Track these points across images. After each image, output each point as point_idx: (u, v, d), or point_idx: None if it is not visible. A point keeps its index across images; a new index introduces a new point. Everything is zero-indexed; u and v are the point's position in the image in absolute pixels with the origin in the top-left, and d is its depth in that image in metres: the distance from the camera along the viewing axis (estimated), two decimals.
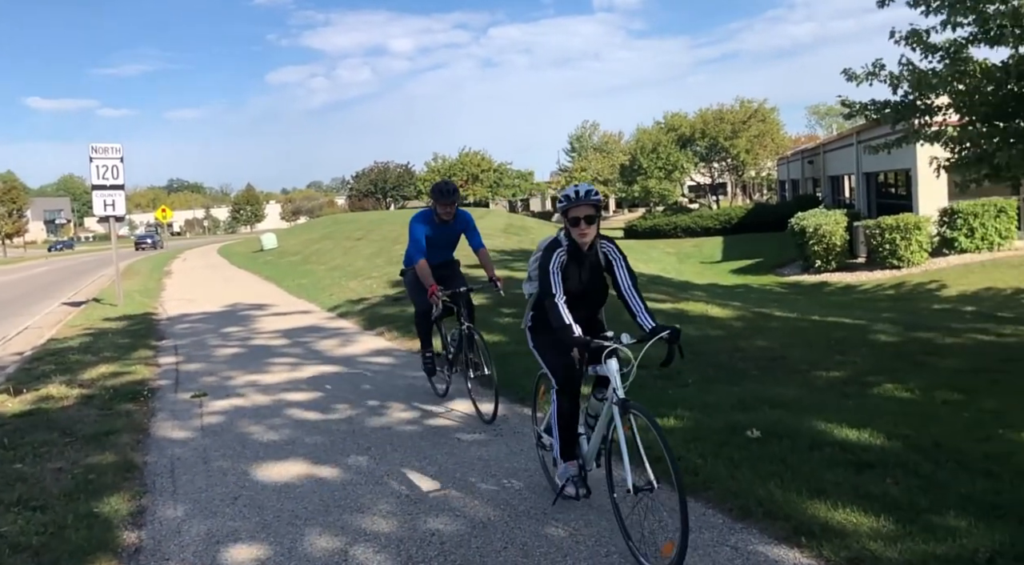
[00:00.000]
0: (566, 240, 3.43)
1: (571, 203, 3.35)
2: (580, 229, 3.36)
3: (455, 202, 5.53)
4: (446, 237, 5.73)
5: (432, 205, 5.59)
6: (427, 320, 5.85)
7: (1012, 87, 9.24)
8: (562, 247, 3.42)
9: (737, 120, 46.86)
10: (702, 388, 5.73)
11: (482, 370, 5.35)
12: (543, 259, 3.44)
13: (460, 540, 3.44)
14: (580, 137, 62.05)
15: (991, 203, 18.99)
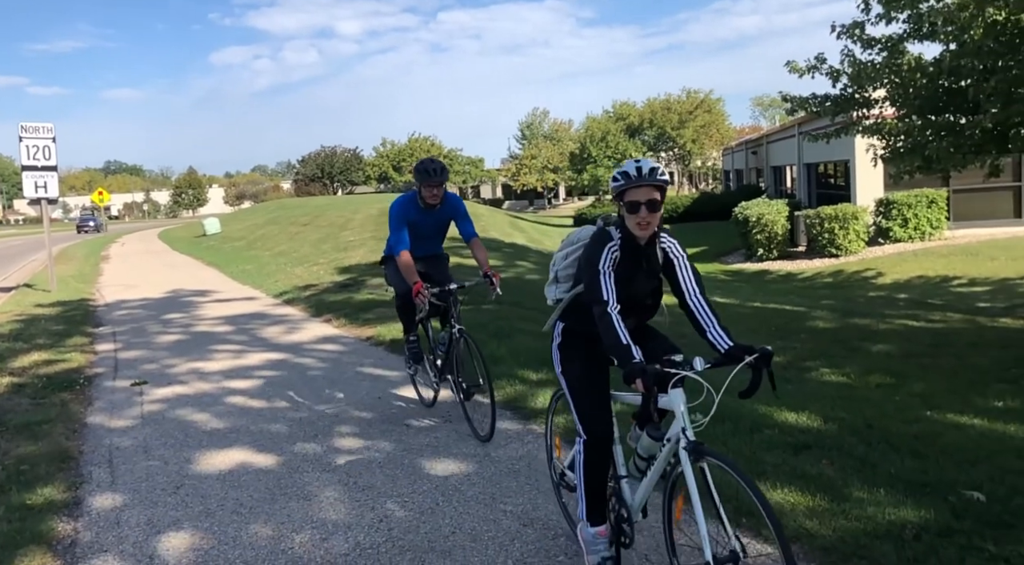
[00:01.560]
0: (618, 232, 2.67)
1: (630, 183, 2.58)
2: (641, 217, 2.58)
3: (443, 183, 4.71)
4: (432, 225, 4.95)
5: (415, 187, 4.80)
6: (409, 302, 4.94)
7: (944, 82, 9.61)
8: (614, 241, 2.65)
9: (684, 110, 47.58)
10: None
11: (476, 381, 4.66)
12: (591, 255, 2.66)
13: (409, 526, 3.44)
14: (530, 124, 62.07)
15: (923, 194, 19.74)
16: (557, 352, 2.97)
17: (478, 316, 8.32)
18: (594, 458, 2.79)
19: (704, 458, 2.41)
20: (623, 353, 2.46)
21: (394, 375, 6.31)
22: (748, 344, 2.56)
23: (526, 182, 54.26)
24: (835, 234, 19.81)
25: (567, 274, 2.96)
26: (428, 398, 5.24)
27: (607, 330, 2.52)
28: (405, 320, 5.26)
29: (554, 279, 3.02)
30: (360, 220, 21.80)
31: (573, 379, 2.87)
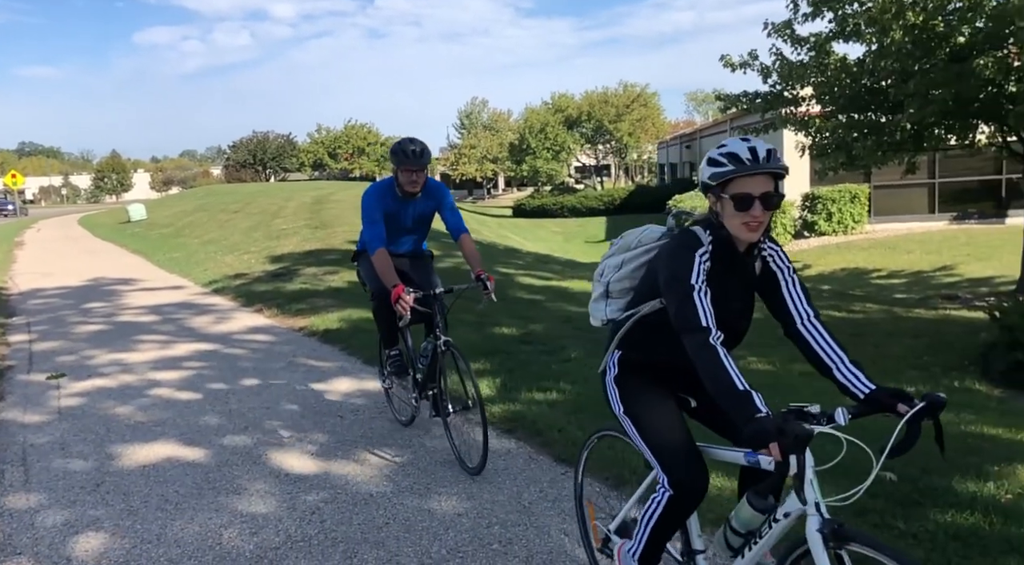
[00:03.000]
0: (709, 234, 2.03)
1: (743, 169, 1.95)
2: (753, 215, 1.97)
3: (424, 167, 3.99)
4: (413, 217, 4.23)
5: (393, 173, 4.10)
6: (388, 308, 4.06)
7: (866, 82, 10.04)
8: (704, 246, 2.02)
9: (621, 104, 48.20)
10: (584, 362, 5.91)
11: (463, 402, 4.00)
12: (677, 267, 2.00)
13: (342, 517, 3.41)
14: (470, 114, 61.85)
15: (846, 189, 20.58)
16: (614, 388, 2.30)
17: None
18: (679, 513, 2.16)
19: (847, 543, 1.75)
20: (742, 403, 1.80)
21: (328, 366, 6.21)
22: (896, 387, 1.95)
23: (465, 172, 54.07)
24: None
25: (622, 288, 2.33)
26: (405, 417, 4.61)
27: (712, 368, 1.87)
28: (384, 327, 4.44)
29: (603, 294, 2.39)
30: (293, 208, 21.33)
31: (648, 421, 2.20)
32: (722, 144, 2.03)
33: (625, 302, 2.32)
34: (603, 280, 2.41)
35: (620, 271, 2.35)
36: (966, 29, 8.51)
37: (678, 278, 1.99)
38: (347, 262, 11.65)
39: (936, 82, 8.67)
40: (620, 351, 2.33)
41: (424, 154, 3.98)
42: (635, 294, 2.28)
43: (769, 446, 1.72)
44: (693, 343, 1.93)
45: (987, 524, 2.93)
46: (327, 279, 10.36)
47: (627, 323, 2.25)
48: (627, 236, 2.41)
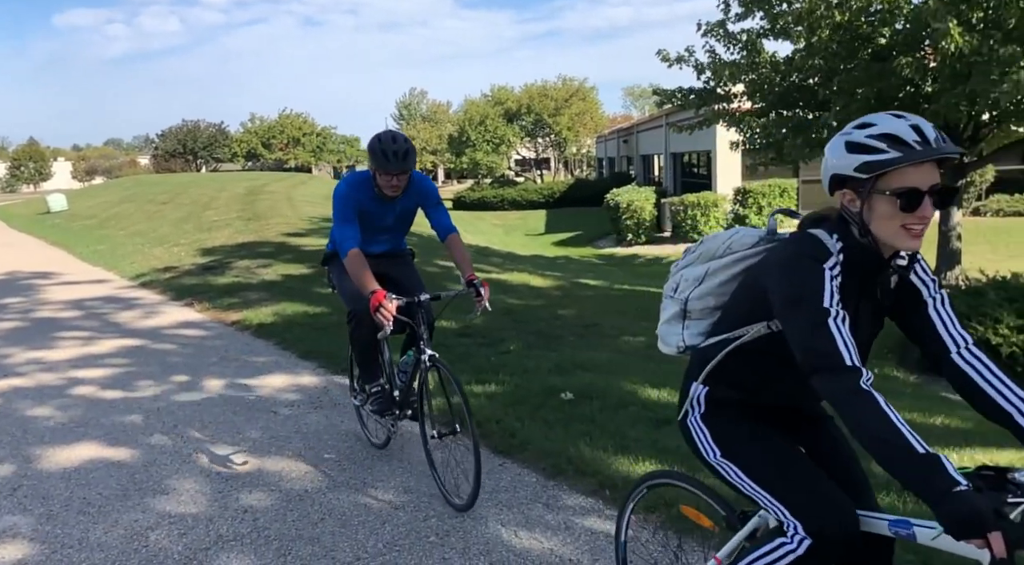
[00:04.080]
0: (837, 240, 1.61)
1: (911, 155, 1.51)
2: (920, 217, 1.54)
3: (407, 171, 3.40)
4: (393, 215, 3.66)
5: (372, 170, 3.47)
6: (369, 331, 3.60)
7: (795, 79, 10.39)
8: (834, 256, 1.58)
9: (560, 97, 48.51)
10: (522, 354, 5.95)
11: (451, 426, 3.42)
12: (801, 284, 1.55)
13: (276, 514, 3.34)
14: (408, 105, 61.21)
15: (776, 184, 21.27)
16: (702, 429, 1.86)
17: None
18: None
19: None
20: (927, 471, 1.32)
21: (261, 360, 6.08)
22: None
23: None
24: (697, 220, 20.96)
25: (706, 307, 1.89)
26: (379, 439, 4.07)
27: (872, 423, 1.39)
28: (363, 355, 3.79)
29: (679, 314, 1.93)
30: (226, 199, 20.72)
31: (762, 460, 1.76)
32: (863, 123, 1.58)
33: (709, 324, 1.88)
34: (679, 296, 1.93)
35: (702, 285, 1.89)
36: (886, 31, 8.90)
37: (804, 299, 1.52)
38: (281, 254, 11.46)
39: (860, 80, 9.04)
40: (707, 387, 1.84)
41: (408, 157, 3.35)
42: (725, 315, 1.83)
43: (987, 536, 1.23)
44: (835, 387, 1.45)
45: (901, 505, 3.09)
46: (260, 272, 10.12)
47: (719, 353, 1.77)
48: (709, 241, 1.94)
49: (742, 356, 1.76)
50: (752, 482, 1.77)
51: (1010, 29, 7.80)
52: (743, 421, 1.84)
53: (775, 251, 1.73)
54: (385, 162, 3.34)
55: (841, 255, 1.60)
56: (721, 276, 1.88)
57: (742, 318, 1.75)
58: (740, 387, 1.82)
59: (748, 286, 1.77)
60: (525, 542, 3.05)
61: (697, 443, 1.88)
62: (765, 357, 1.72)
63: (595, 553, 2.93)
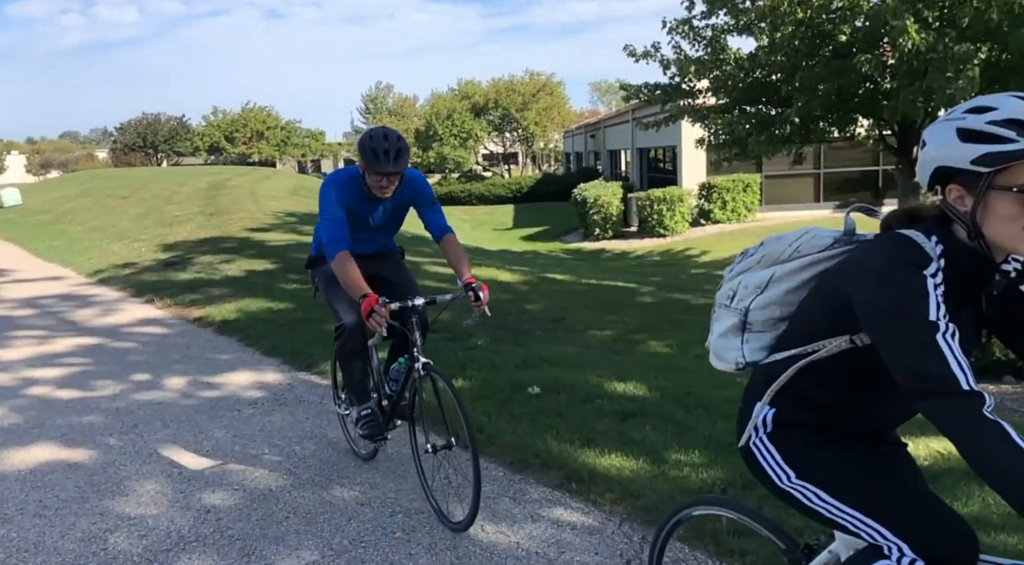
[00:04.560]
0: (936, 243, 1.41)
1: None
2: None
3: (399, 172, 3.19)
4: (383, 215, 3.47)
5: (361, 168, 3.25)
6: (358, 342, 3.43)
7: (758, 75, 10.53)
8: (935, 262, 1.38)
9: (527, 92, 48.54)
10: (490, 349, 5.95)
11: (446, 439, 3.19)
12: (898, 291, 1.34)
13: (239, 513, 3.30)
14: (374, 98, 60.67)
15: (740, 179, 21.55)
16: (770, 450, 1.63)
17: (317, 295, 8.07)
18: None
19: None
20: None
21: (225, 358, 5.98)
22: None
23: None
24: (663, 215, 21.15)
25: (770, 318, 1.67)
26: (366, 450, 3.83)
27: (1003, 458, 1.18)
28: (350, 368, 3.53)
29: (739, 326, 1.70)
30: (187, 193, 20.33)
31: (849, 479, 1.55)
32: (980, 106, 1.36)
33: (773, 337, 1.67)
34: (738, 305, 1.70)
35: (765, 293, 1.66)
36: (847, 28, 9.06)
37: (905, 311, 1.31)
38: (245, 250, 11.28)
39: (821, 77, 9.20)
40: (774, 408, 1.62)
41: (401, 157, 3.12)
42: (793, 327, 1.62)
43: None
44: (952, 416, 1.24)
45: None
46: (223, 268, 9.96)
47: (789, 370, 1.55)
48: (772, 243, 1.71)
49: (816, 374, 1.54)
50: (839, 503, 1.53)
51: (964, 27, 8.00)
52: (820, 437, 1.61)
53: (858, 255, 1.49)
54: (375, 161, 3.09)
55: (942, 260, 1.38)
56: (788, 283, 1.64)
57: (816, 331, 1.52)
58: (813, 408, 1.59)
59: (823, 294, 1.54)
60: (492, 536, 3.05)
61: (765, 467, 1.63)
62: (845, 375, 1.51)
63: (561, 546, 2.95)
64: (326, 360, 5.57)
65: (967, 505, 3.03)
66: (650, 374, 5.11)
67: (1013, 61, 8.39)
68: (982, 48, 7.97)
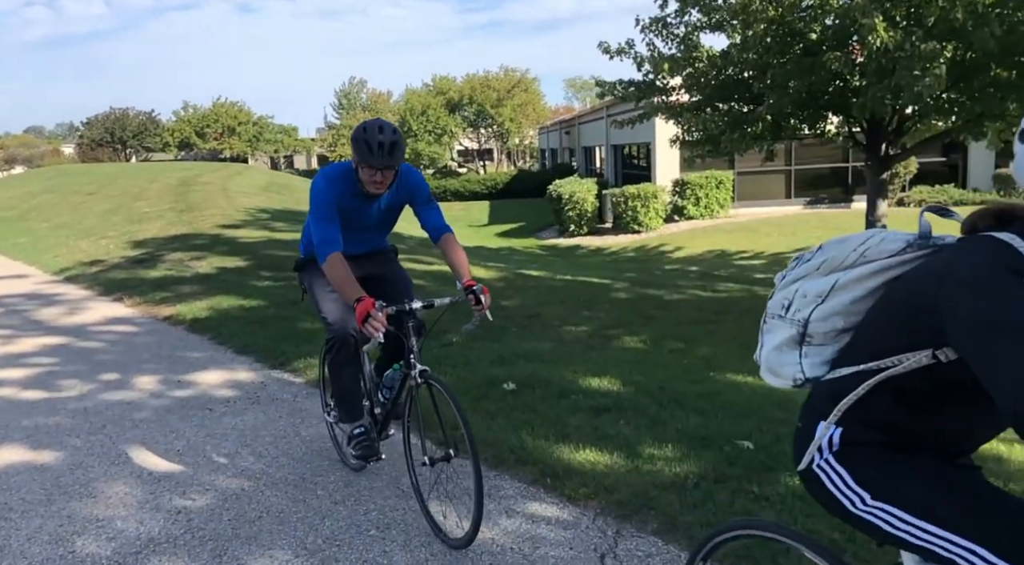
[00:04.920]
0: None
1: None
2: None
3: (394, 167, 3.03)
4: (377, 213, 3.29)
5: (354, 163, 3.07)
6: (350, 354, 3.27)
7: (730, 72, 10.63)
8: None
9: (502, 88, 48.48)
10: (465, 345, 5.94)
11: (444, 451, 3.06)
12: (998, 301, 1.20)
13: (211, 514, 3.26)
14: (348, 94, 60.18)
15: (713, 176, 21.75)
16: (839, 472, 1.46)
17: (289, 292, 8.00)
18: None
19: None
20: None
21: (196, 356, 5.91)
22: None
23: (344, 153, 52.67)
24: (637, 212, 21.27)
25: (833, 329, 1.53)
26: (357, 464, 3.60)
27: None
28: (342, 383, 3.33)
29: (796, 338, 1.57)
30: (157, 190, 20.01)
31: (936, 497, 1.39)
32: None
33: (835, 351, 1.53)
34: (795, 316, 1.56)
35: (828, 302, 1.52)
36: (817, 26, 9.17)
37: (1005, 323, 1.17)
38: (216, 247, 11.14)
39: (792, 74, 9.29)
40: (841, 427, 1.47)
41: (395, 150, 2.95)
42: (860, 339, 1.48)
43: None
44: None
45: None
46: (194, 265, 9.82)
47: (860, 387, 1.41)
48: (833, 247, 1.57)
49: (891, 391, 1.39)
50: (926, 524, 1.36)
51: (930, 26, 8.13)
52: (894, 454, 1.44)
53: (942, 261, 1.34)
54: (368, 155, 2.92)
55: None
56: (854, 291, 1.49)
57: (889, 344, 1.38)
58: (886, 427, 1.43)
59: (896, 304, 1.40)
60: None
61: (833, 492, 1.46)
62: (925, 392, 1.37)
63: (536, 541, 2.95)
64: (299, 358, 5.53)
65: None
66: (624, 369, 5.14)
67: (977, 59, 8.55)
68: (948, 47, 8.11)
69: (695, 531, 2.88)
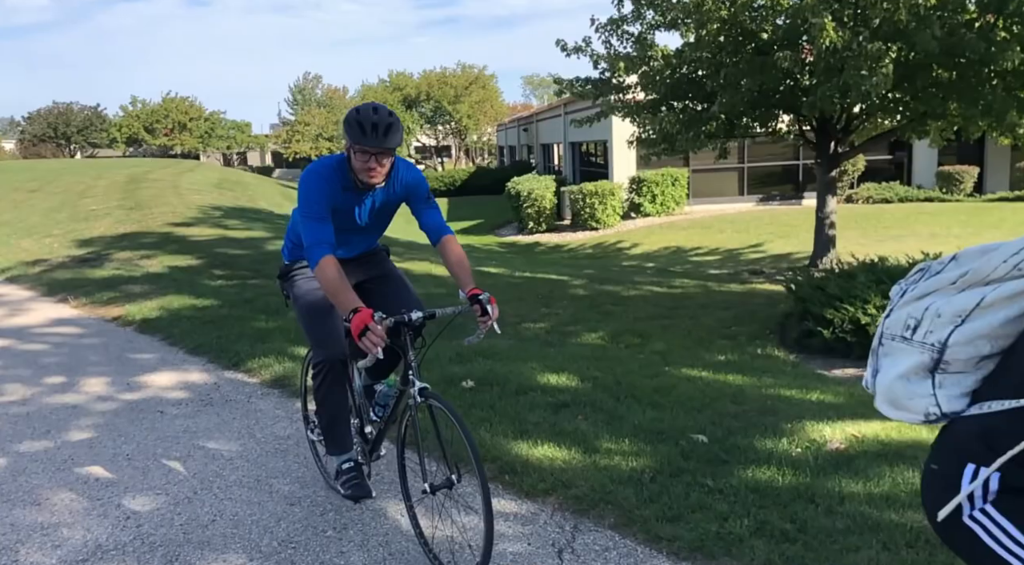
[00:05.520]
0: None
1: None
2: None
3: (390, 151, 2.72)
4: (370, 210, 2.96)
5: (346, 151, 2.77)
6: (341, 381, 3.01)
7: (685, 71, 10.78)
8: None
9: (460, 85, 48.33)
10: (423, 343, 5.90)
11: (446, 476, 2.72)
12: None
13: (161, 519, 3.18)
14: (303, 89, 59.26)
15: (668, 173, 22.04)
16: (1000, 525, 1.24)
17: (243, 291, 7.85)
18: None
19: None
20: None
21: (146, 358, 5.76)
22: None
23: (299, 150, 51.89)
24: (595, 209, 21.45)
25: (975, 356, 1.30)
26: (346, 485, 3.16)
27: None
28: (330, 408, 3.01)
29: (928, 366, 1.34)
30: (104, 187, 19.43)
31: None
32: None
33: (977, 380, 1.31)
34: (926, 338, 1.34)
35: (971, 323, 1.29)
36: (768, 26, 9.36)
37: None
38: (167, 245, 10.88)
39: (744, 73, 9.48)
40: (1000, 471, 1.24)
41: (391, 132, 2.66)
42: (1009, 366, 1.27)
43: None
44: None
45: (780, 476, 3.29)
46: (143, 264, 9.57)
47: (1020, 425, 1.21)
48: (973, 258, 1.34)
49: None
50: None
51: (876, 27, 8.37)
52: None
53: None
54: (361, 136, 2.63)
55: None
56: (1004, 310, 1.26)
57: None
58: None
59: None
60: (425, 530, 3.03)
61: (994, 547, 1.23)
62: None
63: (496, 539, 2.95)
64: (253, 357, 5.43)
65: (878, 485, 3.19)
66: (582, 365, 5.18)
67: (920, 60, 8.84)
68: (892, 47, 8.36)
69: (651, 525, 2.92)
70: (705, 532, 2.83)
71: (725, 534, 2.81)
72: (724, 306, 8.47)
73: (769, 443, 3.68)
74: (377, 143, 2.64)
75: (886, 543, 2.72)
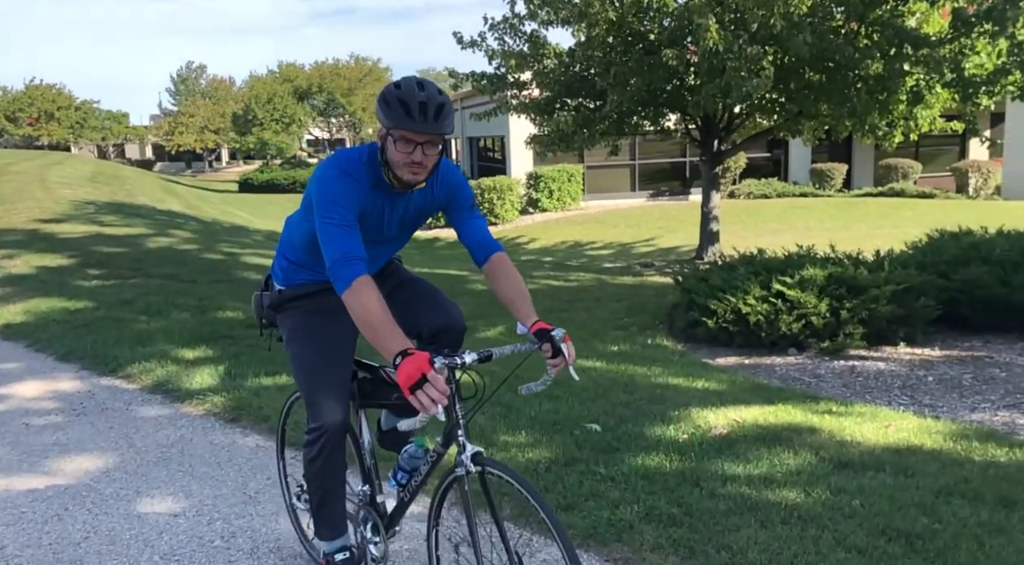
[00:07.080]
0: None
1: None
2: None
3: (441, 137, 2.08)
4: (402, 218, 2.31)
5: (382, 140, 2.11)
6: (339, 451, 2.35)
7: (577, 70, 11.01)
8: None
9: (353, 77, 47.39)
10: None
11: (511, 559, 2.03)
12: None
13: (28, 539, 2.95)
14: (185, 79, 56.34)
15: (564, 169, 22.47)
16: None
17: (122, 291, 7.39)
18: None
19: None
20: None
21: (9, 366, 5.32)
22: None
23: (182, 142, 49.31)
24: (494, 204, 21.57)
25: None
26: None
27: None
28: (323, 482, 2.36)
29: None
30: None
31: None
32: None
33: None
34: None
35: None
36: (655, 27, 9.70)
37: None
38: (33, 244, 10.07)
39: (633, 72, 9.77)
40: None
41: (443, 115, 2.03)
42: None
43: None
44: None
45: (668, 462, 3.42)
46: (6, 264, 8.82)
47: None
48: None
49: None
50: None
51: (754, 31, 8.83)
52: None
53: None
54: (406, 118, 1.99)
55: None
56: None
57: None
58: None
59: None
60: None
61: None
62: None
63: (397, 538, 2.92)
64: (133, 362, 5.13)
65: (757, 467, 3.38)
66: None
67: (793, 63, 9.40)
68: (769, 51, 8.84)
69: None
70: (597, 519, 2.90)
71: (616, 521, 2.89)
72: (617, 298, 8.72)
73: (658, 430, 3.82)
74: (427, 127, 2.00)
75: (763, 521, 2.89)
